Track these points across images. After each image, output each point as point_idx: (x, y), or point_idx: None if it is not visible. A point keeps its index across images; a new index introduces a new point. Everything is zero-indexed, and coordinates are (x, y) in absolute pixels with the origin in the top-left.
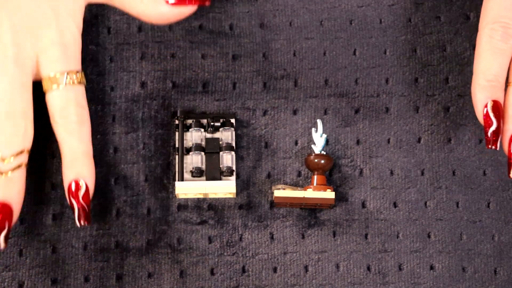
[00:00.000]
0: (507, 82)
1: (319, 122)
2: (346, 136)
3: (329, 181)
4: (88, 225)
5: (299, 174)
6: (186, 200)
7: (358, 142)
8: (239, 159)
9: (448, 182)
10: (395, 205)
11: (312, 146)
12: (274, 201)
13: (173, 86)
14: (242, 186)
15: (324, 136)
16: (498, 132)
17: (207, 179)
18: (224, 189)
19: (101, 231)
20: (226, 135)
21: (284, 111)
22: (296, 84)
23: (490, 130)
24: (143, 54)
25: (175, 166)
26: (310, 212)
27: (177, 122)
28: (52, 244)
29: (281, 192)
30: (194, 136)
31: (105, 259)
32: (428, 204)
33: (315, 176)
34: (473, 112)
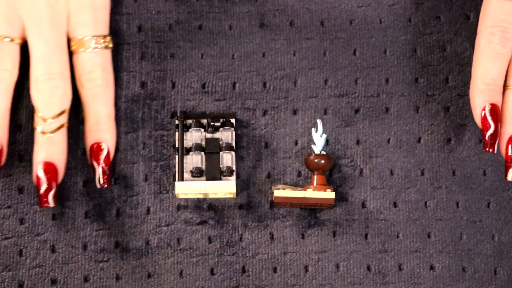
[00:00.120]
0: (505, 86)
1: (319, 122)
2: (346, 136)
3: (329, 181)
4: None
5: (299, 174)
6: (186, 200)
7: (358, 142)
8: (239, 159)
9: (448, 182)
10: (395, 205)
11: (312, 146)
12: (274, 201)
13: (173, 86)
14: (242, 186)
15: (324, 136)
16: (496, 136)
17: (207, 179)
18: (224, 189)
19: (101, 231)
20: (226, 135)
21: (284, 111)
22: (296, 84)
23: (488, 133)
24: (143, 54)
25: (175, 166)
26: (310, 212)
27: (177, 122)
28: (52, 244)
29: (281, 192)
30: (194, 136)
31: (105, 259)
32: (428, 204)
33: (315, 176)
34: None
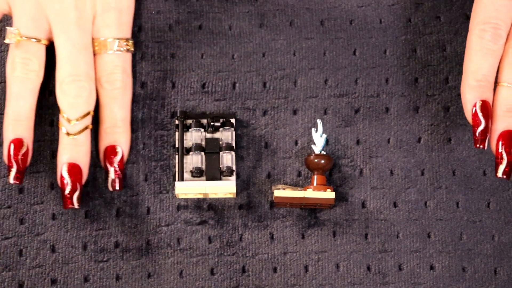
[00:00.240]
0: (497, 82)
1: (319, 122)
2: (346, 136)
3: (329, 181)
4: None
5: (299, 174)
6: (186, 200)
7: (358, 142)
8: (239, 159)
9: (448, 182)
10: (395, 205)
11: (312, 146)
12: (274, 201)
13: (173, 86)
14: (242, 186)
15: (324, 136)
16: (486, 132)
17: (207, 179)
18: (224, 189)
19: (101, 231)
20: (226, 135)
21: (284, 111)
22: (296, 84)
23: (479, 130)
24: (143, 54)
25: (175, 166)
26: (310, 212)
27: (177, 122)
28: (52, 244)
29: (281, 192)
30: (194, 136)
31: (105, 259)
32: (428, 204)
33: (315, 176)
34: None
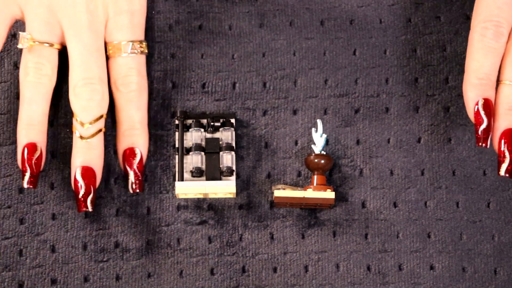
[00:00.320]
0: (499, 80)
1: (319, 122)
2: (346, 136)
3: (329, 181)
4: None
5: (299, 174)
6: (186, 200)
7: (358, 142)
8: (239, 159)
9: (448, 182)
10: (395, 205)
11: (312, 146)
12: (274, 201)
13: (173, 86)
14: (242, 186)
15: (324, 136)
16: (489, 130)
17: (207, 179)
18: (224, 189)
19: (101, 231)
20: (226, 135)
21: (284, 111)
22: (296, 84)
23: (481, 128)
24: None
25: (175, 166)
26: (310, 212)
27: (177, 122)
28: (52, 244)
29: (281, 192)
30: (194, 136)
31: (105, 259)
32: (428, 204)
33: (315, 176)
34: None
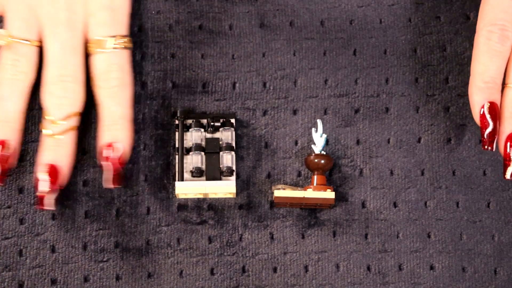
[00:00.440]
0: (504, 84)
1: (319, 122)
2: (346, 136)
3: (329, 181)
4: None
5: (299, 174)
6: (186, 200)
7: (358, 142)
8: (239, 159)
9: (448, 182)
10: (395, 205)
11: (312, 146)
12: (274, 201)
13: (173, 86)
14: (242, 186)
15: (324, 136)
16: (494, 134)
17: (207, 179)
18: (224, 189)
19: (101, 231)
20: (226, 135)
21: (284, 111)
22: (296, 84)
23: (487, 132)
24: (143, 54)
25: (175, 166)
26: (310, 212)
27: (177, 122)
28: (52, 244)
29: (281, 192)
30: (194, 136)
31: (105, 259)
32: (428, 204)
33: (315, 176)
34: None
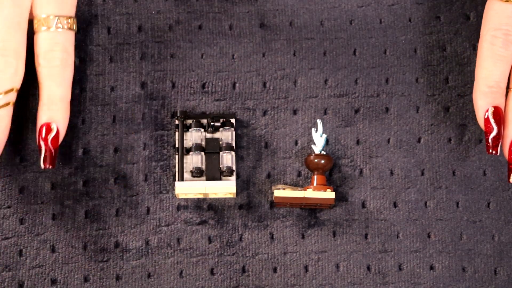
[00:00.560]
0: (508, 88)
1: (319, 122)
2: (346, 136)
3: (329, 181)
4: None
5: (299, 174)
6: (186, 200)
7: (358, 142)
8: (239, 159)
9: (448, 182)
10: (395, 205)
11: (312, 146)
12: (274, 201)
13: (173, 86)
14: (242, 186)
15: (324, 136)
16: (499, 138)
17: (207, 179)
18: (224, 189)
19: (101, 231)
20: (226, 135)
21: (284, 111)
22: (296, 84)
23: (491, 136)
24: (143, 54)
25: (175, 166)
26: (310, 212)
27: (177, 122)
28: (52, 244)
29: (281, 192)
30: (194, 136)
31: (105, 259)
32: (428, 204)
33: (315, 176)
34: (473, 112)
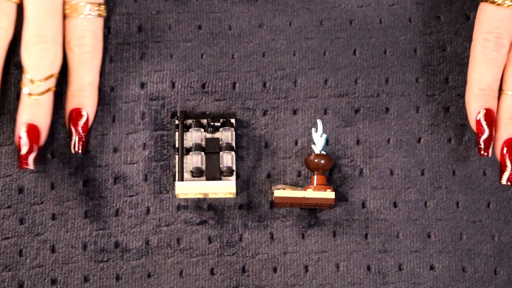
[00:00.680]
0: (501, 91)
1: (319, 122)
2: (346, 136)
3: (329, 181)
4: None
5: (299, 174)
6: (186, 200)
7: (358, 142)
8: (239, 159)
9: (448, 182)
10: (395, 205)
11: (312, 146)
12: (274, 201)
13: (173, 86)
14: (242, 186)
15: (324, 136)
16: (490, 140)
17: (207, 179)
18: (224, 189)
19: (101, 231)
20: (226, 135)
21: (284, 111)
22: (296, 84)
23: (482, 138)
24: (143, 54)
25: (175, 166)
26: (310, 212)
27: (177, 122)
28: (52, 244)
29: (281, 192)
30: (194, 136)
31: (105, 259)
32: (428, 204)
33: (315, 176)
34: None
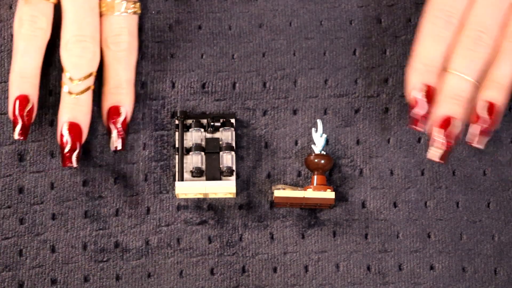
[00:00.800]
0: (444, 68)
1: (319, 122)
2: (346, 136)
3: (329, 181)
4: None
5: (299, 174)
6: (186, 200)
7: (358, 142)
8: (239, 159)
9: (448, 182)
10: (395, 205)
11: (312, 146)
12: (274, 201)
13: (173, 86)
14: (242, 186)
15: (324, 136)
16: (426, 115)
17: (207, 179)
18: (224, 189)
19: (101, 231)
20: (226, 135)
21: (284, 111)
22: (296, 84)
23: (415, 111)
24: (143, 54)
25: (175, 166)
26: (310, 212)
27: (177, 122)
28: (52, 244)
29: (281, 192)
30: (194, 136)
31: (105, 259)
32: (428, 204)
33: (315, 176)
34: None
